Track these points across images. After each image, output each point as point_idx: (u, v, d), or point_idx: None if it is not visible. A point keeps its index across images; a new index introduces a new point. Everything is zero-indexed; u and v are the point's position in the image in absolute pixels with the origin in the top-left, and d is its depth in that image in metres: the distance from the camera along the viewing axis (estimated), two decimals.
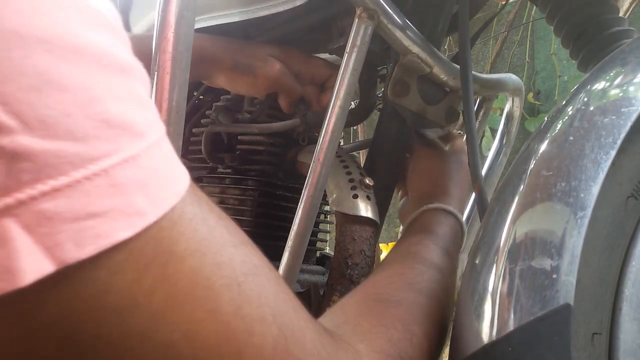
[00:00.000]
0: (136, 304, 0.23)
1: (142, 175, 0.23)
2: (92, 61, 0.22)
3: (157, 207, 0.23)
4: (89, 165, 0.21)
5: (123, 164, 0.22)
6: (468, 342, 0.38)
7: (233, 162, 0.75)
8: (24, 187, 0.20)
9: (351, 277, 0.59)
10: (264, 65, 0.67)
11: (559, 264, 0.36)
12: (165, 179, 0.24)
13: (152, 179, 0.23)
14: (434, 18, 0.66)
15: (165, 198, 0.24)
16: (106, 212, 0.21)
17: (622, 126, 0.40)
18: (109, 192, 0.21)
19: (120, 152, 0.22)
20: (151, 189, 0.23)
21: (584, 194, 0.38)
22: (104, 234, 0.21)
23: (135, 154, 0.23)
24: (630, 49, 0.48)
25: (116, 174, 0.22)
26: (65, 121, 0.20)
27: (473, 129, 0.60)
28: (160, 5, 0.46)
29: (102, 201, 0.21)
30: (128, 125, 0.23)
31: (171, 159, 0.26)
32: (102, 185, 0.21)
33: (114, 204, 0.22)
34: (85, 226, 0.21)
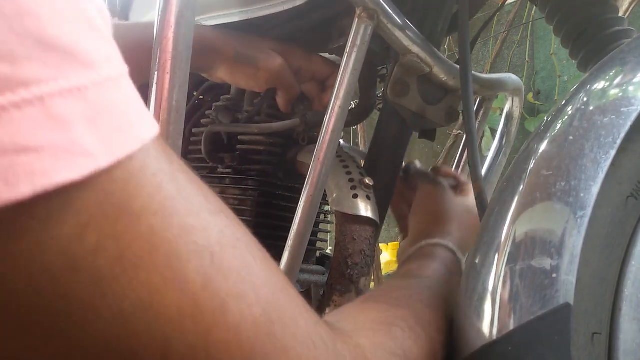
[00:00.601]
0: (75, 265, 0.19)
1: (90, 110, 0.19)
2: None
3: (110, 150, 0.20)
4: (18, 89, 0.18)
5: (64, 94, 0.19)
6: (468, 341, 0.38)
7: (233, 162, 0.75)
8: None
9: (351, 276, 0.59)
10: (266, 58, 0.67)
11: (559, 263, 0.36)
12: (123, 121, 0.21)
13: (105, 117, 0.20)
14: (434, 18, 0.66)
15: (121, 142, 0.20)
16: (43, 148, 0.18)
17: (622, 126, 0.40)
18: (46, 124, 0.18)
19: (61, 79, 0.19)
20: (103, 129, 0.20)
21: (584, 193, 0.38)
22: (40, 171, 0.18)
23: (81, 85, 0.19)
24: (629, 49, 0.48)
25: (55, 104, 0.18)
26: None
27: (473, 129, 0.60)
28: (160, 5, 0.46)
29: (37, 134, 0.18)
30: (73, 50, 0.19)
31: (133, 101, 0.22)
32: (36, 115, 0.18)
33: (53, 139, 0.18)
34: (17, 161, 0.17)
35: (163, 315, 0.21)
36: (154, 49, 0.47)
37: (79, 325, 0.20)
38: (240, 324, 0.24)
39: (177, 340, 0.22)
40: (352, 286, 0.59)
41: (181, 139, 0.48)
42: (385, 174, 0.68)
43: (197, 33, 0.49)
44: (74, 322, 0.20)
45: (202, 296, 0.22)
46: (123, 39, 0.23)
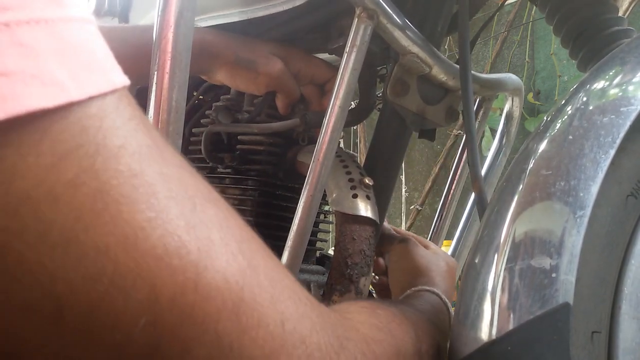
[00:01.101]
0: (55, 196, 0.19)
1: (59, 44, 0.19)
2: None
3: (82, 85, 0.20)
4: None
5: (31, 23, 0.18)
6: (467, 341, 0.38)
7: (233, 162, 0.75)
8: None
9: (351, 276, 0.59)
10: (266, 62, 0.67)
11: (559, 263, 0.36)
12: (93, 62, 0.21)
13: (74, 54, 0.20)
14: (434, 18, 0.66)
15: (93, 80, 0.20)
16: (13, 73, 0.18)
17: (622, 125, 0.40)
18: (16, 50, 0.18)
19: (28, 9, 0.18)
20: (72, 64, 0.19)
21: (583, 193, 0.38)
22: (11, 95, 0.17)
23: (50, 18, 0.19)
24: (629, 49, 0.48)
25: (22, 32, 0.18)
26: None
27: (473, 129, 0.60)
28: (159, 5, 0.46)
29: (7, 59, 0.18)
30: None
31: (103, 48, 0.22)
32: (4, 41, 0.18)
33: (23, 66, 0.18)
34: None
35: (149, 253, 0.21)
36: (153, 49, 0.47)
37: (63, 257, 0.20)
38: (227, 269, 0.23)
39: (166, 280, 0.21)
40: (352, 286, 0.59)
41: (181, 138, 0.48)
42: (385, 173, 0.68)
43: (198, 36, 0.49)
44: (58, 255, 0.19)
45: (187, 239, 0.22)
46: (123, 42, 0.24)
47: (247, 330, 0.23)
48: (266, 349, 0.24)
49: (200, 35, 0.63)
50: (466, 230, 0.86)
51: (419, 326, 0.43)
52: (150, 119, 0.47)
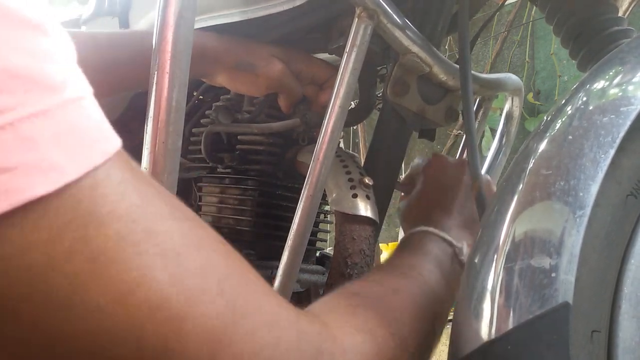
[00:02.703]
0: (54, 266, 0.22)
1: (57, 129, 0.22)
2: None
3: (77, 164, 0.22)
4: None
5: (31, 118, 0.21)
6: (467, 340, 0.38)
7: (233, 162, 0.75)
8: None
9: (351, 276, 0.59)
10: (266, 65, 0.67)
11: (558, 262, 0.36)
12: (87, 137, 0.23)
13: (70, 134, 0.22)
14: (434, 18, 0.66)
15: (86, 156, 0.23)
16: (17, 167, 0.20)
17: (621, 125, 0.40)
18: (19, 146, 0.20)
19: (28, 105, 0.21)
20: (69, 145, 0.22)
21: (583, 192, 0.38)
22: (16, 189, 0.20)
23: (46, 108, 0.22)
24: (629, 49, 0.48)
25: (24, 128, 0.21)
26: None
27: (472, 129, 0.60)
28: (160, 6, 0.46)
29: (11, 156, 0.20)
30: (36, 78, 0.22)
31: (97, 119, 0.24)
32: (9, 139, 0.20)
33: (25, 159, 0.21)
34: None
35: (137, 309, 0.24)
36: (153, 49, 0.47)
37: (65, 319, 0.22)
38: (206, 315, 0.26)
39: (151, 332, 0.24)
40: None
41: (181, 139, 0.48)
42: (384, 173, 0.68)
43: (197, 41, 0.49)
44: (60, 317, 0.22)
45: (170, 292, 0.25)
46: (122, 48, 0.25)
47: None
48: None
49: (200, 40, 0.63)
50: None
51: (405, 323, 0.43)
52: (151, 119, 0.47)
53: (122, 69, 0.61)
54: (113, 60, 0.60)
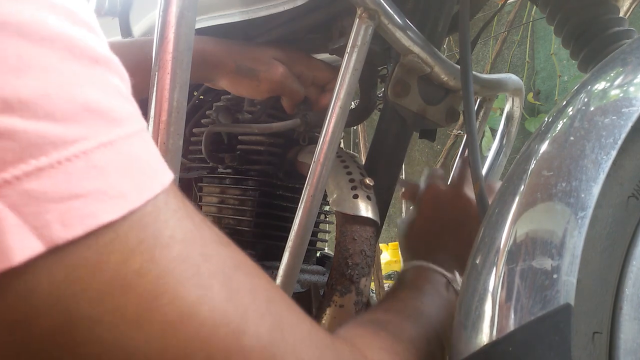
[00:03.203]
0: (127, 284, 0.23)
1: (122, 160, 0.23)
2: (66, 49, 0.22)
3: (141, 192, 0.24)
4: (69, 146, 0.21)
5: (100, 148, 0.23)
6: (468, 342, 0.38)
7: (233, 162, 0.75)
8: (8, 166, 0.20)
9: (351, 277, 0.59)
10: (267, 69, 0.67)
11: (560, 264, 0.36)
12: (148, 168, 0.25)
13: (133, 165, 0.24)
14: (435, 18, 0.66)
15: (149, 186, 0.25)
16: (90, 194, 0.22)
17: (623, 126, 0.40)
18: (91, 174, 0.22)
19: (98, 136, 0.23)
20: (134, 175, 0.24)
21: (585, 194, 0.38)
22: (89, 214, 0.22)
23: (113, 139, 0.23)
24: (630, 49, 0.48)
25: (95, 157, 0.22)
26: (44, 102, 0.21)
27: (473, 129, 0.60)
28: (161, 6, 0.46)
29: (85, 183, 0.22)
30: (104, 111, 0.23)
31: (154, 152, 0.26)
32: (82, 167, 0.22)
33: (96, 186, 0.22)
34: (71, 207, 0.21)
35: (202, 325, 0.25)
36: (154, 50, 0.47)
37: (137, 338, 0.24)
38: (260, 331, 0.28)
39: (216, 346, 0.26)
40: (353, 286, 0.59)
41: (182, 139, 0.48)
42: (385, 174, 0.68)
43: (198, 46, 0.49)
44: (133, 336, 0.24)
45: (228, 309, 0.27)
46: (122, 58, 0.26)
47: None
48: None
49: (201, 45, 0.63)
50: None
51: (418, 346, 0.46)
52: (152, 120, 0.47)
53: None
54: None
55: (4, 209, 0.20)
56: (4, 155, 0.20)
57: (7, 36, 0.20)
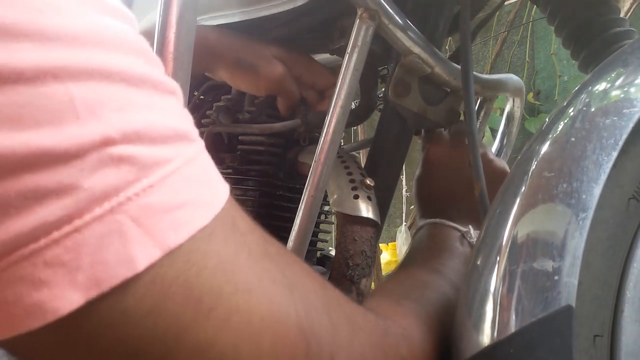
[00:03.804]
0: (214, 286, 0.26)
1: (201, 173, 0.27)
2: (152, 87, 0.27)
3: (218, 199, 0.28)
4: (167, 165, 0.25)
5: (187, 164, 0.26)
6: (469, 343, 0.38)
7: (234, 162, 0.74)
8: (129, 186, 0.23)
9: (352, 277, 0.59)
10: (267, 66, 0.67)
11: (561, 265, 0.36)
12: (215, 177, 0.29)
13: (209, 176, 0.28)
14: (435, 19, 0.66)
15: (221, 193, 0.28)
16: (186, 203, 0.25)
17: (624, 127, 0.40)
18: (184, 186, 0.26)
19: (184, 154, 0.26)
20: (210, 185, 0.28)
21: (586, 195, 0.38)
22: (189, 221, 0.25)
23: (193, 156, 0.27)
24: (631, 50, 0.48)
25: (185, 171, 0.26)
26: (150, 131, 0.25)
27: (474, 130, 0.60)
28: (161, 6, 0.46)
29: (182, 194, 0.25)
30: (184, 133, 0.27)
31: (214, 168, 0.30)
32: (178, 181, 0.25)
33: (190, 197, 0.26)
34: (177, 215, 0.25)
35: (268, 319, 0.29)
36: (155, 50, 0.47)
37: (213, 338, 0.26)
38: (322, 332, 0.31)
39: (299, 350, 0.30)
40: (353, 287, 0.59)
41: None
42: (386, 174, 0.68)
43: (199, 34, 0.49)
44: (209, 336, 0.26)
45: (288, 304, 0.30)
46: None
47: None
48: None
49: (203, 33, 0.63)
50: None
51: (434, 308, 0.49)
52: None
53: None
54: None
55: (129, 223, 0.23)
56: (127, 176, 0.23)
57: (113, 82, 0.24)
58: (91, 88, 0.23)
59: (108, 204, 0.23)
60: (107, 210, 0.23)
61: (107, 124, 0.23)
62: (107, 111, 0.24)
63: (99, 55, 0.24)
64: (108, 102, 0.24)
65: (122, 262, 0.23)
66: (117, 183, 0.23)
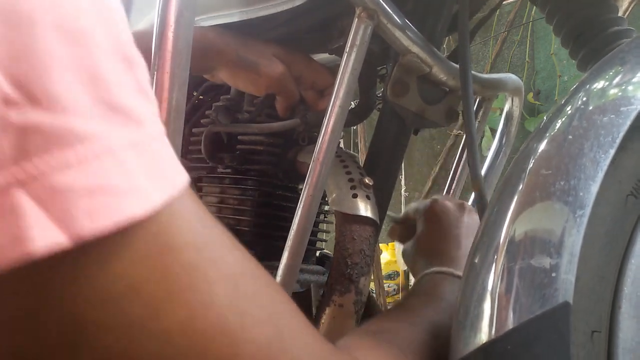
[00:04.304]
0: (137, 290, 0.23)
1: (145, 160, 0.24)
2: (98, 47, 0.23)
3: (163, 193, 0.24)
4: (96, 142, 0.22)
5: (126, 146, 0.23)
6: (467, 340, 0.38)
7: (233, 162, 0.75)
8: (32, 158, 0.20)
9: (351, 276, 0.59)
10: (268, 64, 0.67)
11: (558, 262, 0.36)
12: (168, 170, 0.25)
13: (155, 166, 0.24)
14: (434, 18, 0.66)
15: (168, 186, 0.25)
16: (114, 189, 0.22)
17: (621, 125, 0.41)
18: (115, 170, 0.22)
19: (123, 135, 0.23)
20: (155, 175, 0.24)
21: (583, 192, 0.38)
22: (115, 209, 0.22)
23: (138, 140, 0.23)
24: (629, 49, 0.48)
25: (120, 154, 0.22)
26: (71, 98, 0.21)
27: (473, 129, 0.60)
28: (159, 5, 0.46)
29: (110, 178, 0.22)
30: (130, 111, 0.23)
31: (172, 154, 0.26)
32: (108, 163, 0.22)
33: (121, 182, 0.22)
34: (97, 201, 0.21)
35: (201, 335, 0.25)
36: (153, 49, 0.47)
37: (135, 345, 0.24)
38: (259, 341, 0.28)
39: (213, 355, 0.26)
40: (352, 286, 0.59)
41: (181, 139, 0.49)
42: (385, 173, 0.68)
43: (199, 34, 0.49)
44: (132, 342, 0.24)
45: (230, 318, 0.26)
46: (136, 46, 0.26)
47: None
48: None
49: (202, 33, 0.63)
50: None
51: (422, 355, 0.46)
52: None
53: None
54: None
55: (28, 201, 0.20)
56: (29, 147, 0.20)
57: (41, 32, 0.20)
58: None
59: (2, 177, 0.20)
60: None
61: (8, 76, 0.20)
62: (14, 64, 0.20)
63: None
64: (18, 52, 0.20)
65: (13, 240, 0.20)
66: (15, 154, 0.20)
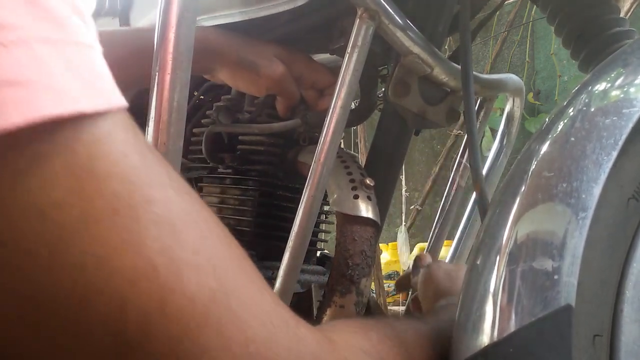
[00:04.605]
0: (44, 213, 0.21)
1: (68, 62, 0.21)
2: None
3: (91, 100, 0.21)
4: (4, 31, 0.19)
5: (45, 41, 0.20)
6: (469, 343, 0.38)
7: (233, 162, 0.74)
8: None
9: (351, 277, 0.59)
10: (268, 65, 0.67)
11: (560, 265, 0.36)
12: (99, 83, 0.23)
13: (81, 73, 0.22)
14: (435, 19, 0.66)
15: (100, 98, 0.22)
16: (29, 82, 0.19)
17: (624, 127, 0.40)
18: (30, 63, 0.20)
19: (42, 30, 0.21)
20: (82, 81, 0.21)
21: (586, 195, 0.38)
22: (28, 104, 0.19)
23: (60, 38, 0.21)
24: (631, 50, 0.48)
25: (37, 47, 0.20)
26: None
27: (474, 130, 0.60)
28: (161, 6, 0.46)
29: (23, 70, 0.19)
30: (52, 10, 0.21)
31: (105, 71, 0.24)
32: (20, 54, 0.19)
33: (38, 78, 0.20)
34: (6, 94, 0.19)
35: (119, 273, 0.23)
36: (155, 50, 0.47)
37: (47, 272, 0.21)
38: (195, 293, 0.24)
39: (134, 299, 0.23)
40: (353, 287, 0.59)
41: (182, 139, 0.48)
42: (385, 174, 0.68)
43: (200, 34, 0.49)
44: (43, 268, 0.21)
45: (158, 261, 0.23)
46: (123, 46, 0.25)
47: (208, 351, 0.25)
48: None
49: (203, 33, 0.63)
50: (467, 231, 0.86)
51: (416, 348, 0.43)
52: (152, 120, 0.46)
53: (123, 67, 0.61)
54: (114, 59, 0.60)
55: None
56: None
57: None
58: None
59: None
60: None
61: None
62: None
63: None
64: None
65: None
66: None
